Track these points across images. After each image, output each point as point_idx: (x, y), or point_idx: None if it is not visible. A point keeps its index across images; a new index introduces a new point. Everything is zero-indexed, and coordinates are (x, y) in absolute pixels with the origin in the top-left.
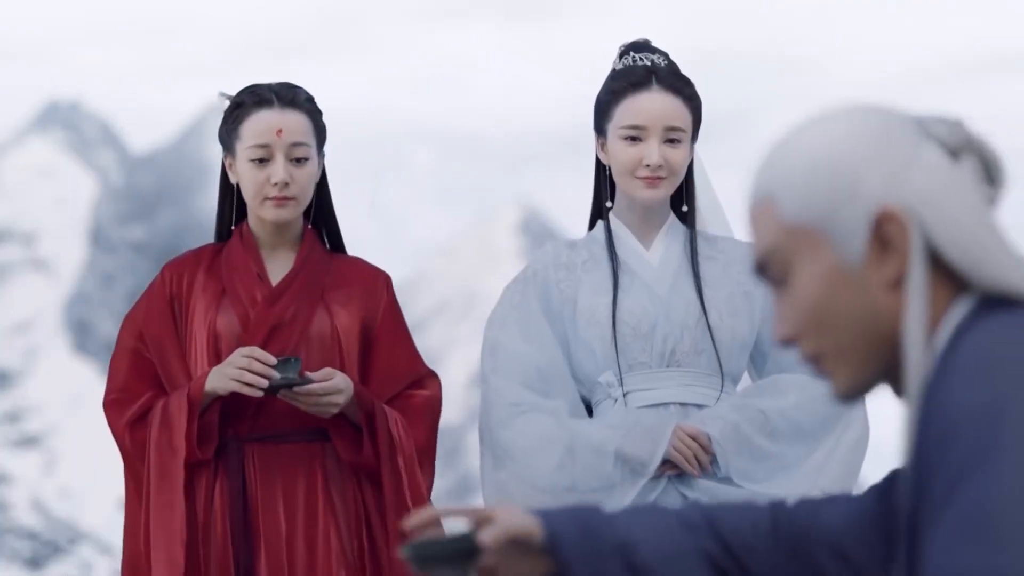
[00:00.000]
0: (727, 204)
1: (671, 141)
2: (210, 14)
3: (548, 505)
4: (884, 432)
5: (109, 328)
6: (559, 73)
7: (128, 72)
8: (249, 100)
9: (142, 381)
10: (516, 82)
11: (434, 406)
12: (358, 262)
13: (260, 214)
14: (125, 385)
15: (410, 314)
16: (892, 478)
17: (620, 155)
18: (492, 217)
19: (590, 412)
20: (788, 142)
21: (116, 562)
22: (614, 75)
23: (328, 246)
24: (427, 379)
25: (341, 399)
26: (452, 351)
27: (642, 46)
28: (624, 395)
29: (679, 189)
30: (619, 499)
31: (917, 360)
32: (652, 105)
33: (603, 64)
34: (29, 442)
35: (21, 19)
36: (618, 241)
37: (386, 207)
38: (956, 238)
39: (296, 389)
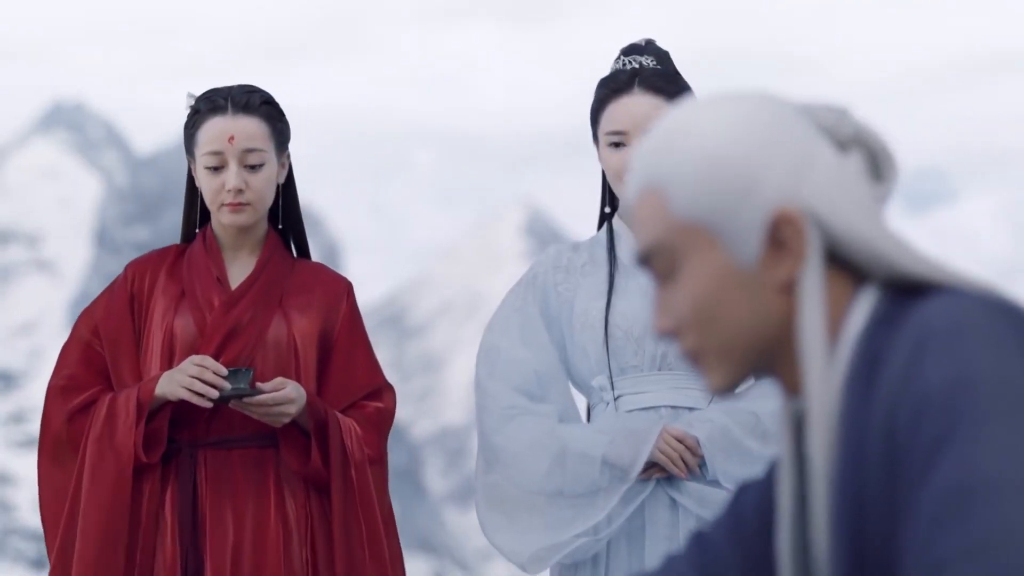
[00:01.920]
0: None
1: None
2: (212, 14)
3: (539, 509)
4: None
5: None
6: (561, 73)
7: (131, 73)
8: (204, 107)
9: (90, 373)
10: (518, 83)
11: (386, 418)
12: (320, 268)
13: (218, 219)
14: (74, 374)
15: (413, 316)
16: (739, 498)
17: (607, 161)
18: (495, 218)
19: (590, 415)
20: (679, 129)
21: None
22: (601, 82)
23: (294, 250)
24: (384, 391)
25: (293, 409)
26: (456, 352)
27: (633, 49)
28: (615, 399)
29: None
30: (603, 503)
31: (816, 363)
32: (632, 109)
33: (605, 64)
34: (34, 443)
35: (25, 20)
36: (620, 242)
37: (388, 208)
38: (855, 234)
39: (246, 400)
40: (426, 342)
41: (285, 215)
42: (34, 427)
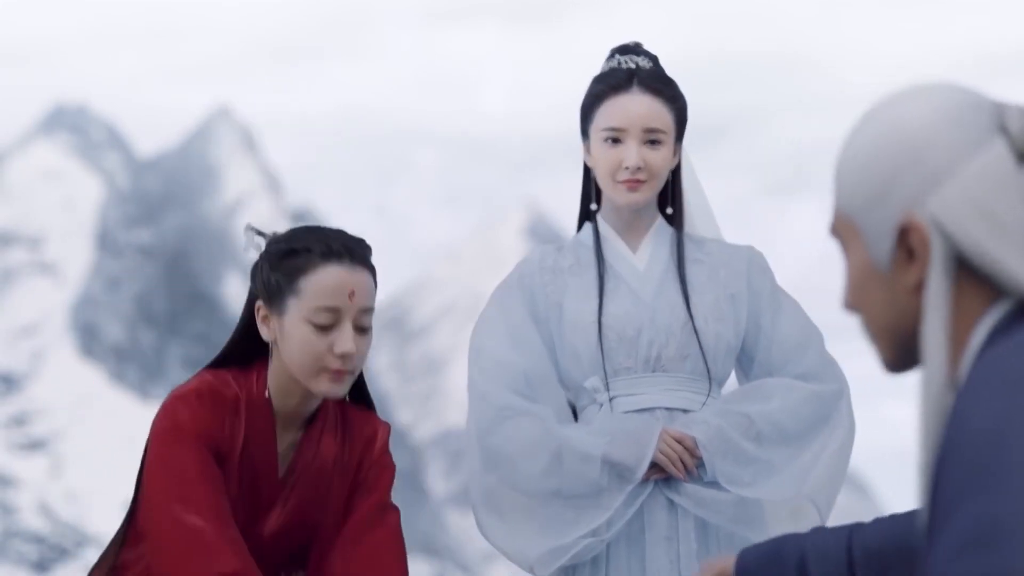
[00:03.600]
0: (735, 205)
1: (651, 143)
2: (216, 17)
3: (540, 511)
4: (885, 436)
5: (115, 331)
6: (564, 76)
7: (135, 75)
8: (316, 249)
9: (226, 511)
10: (521, 85)
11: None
12: (364, 422)
13: (312, 387)
14: (221, 515)
15: (416, 317)
16: None
17: (601, 157)
18: (498, 220)
19: (576, 416)
20: (856, 126)
21: None
22: (597, 78)
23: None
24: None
25: None
26: (458, 354)
27: (628, 49)
28: (610, 400)
29: (666, 191)
30: (606, 504)
31: (934, 372)
32: (631, 107)
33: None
34: (35, 445)
35: (29, 23)
36: (605, 244)
37: (391, 209)
38: (979, 249)
39: None
40: (428, 344)
41: (355, 387)
42: (36, 429)
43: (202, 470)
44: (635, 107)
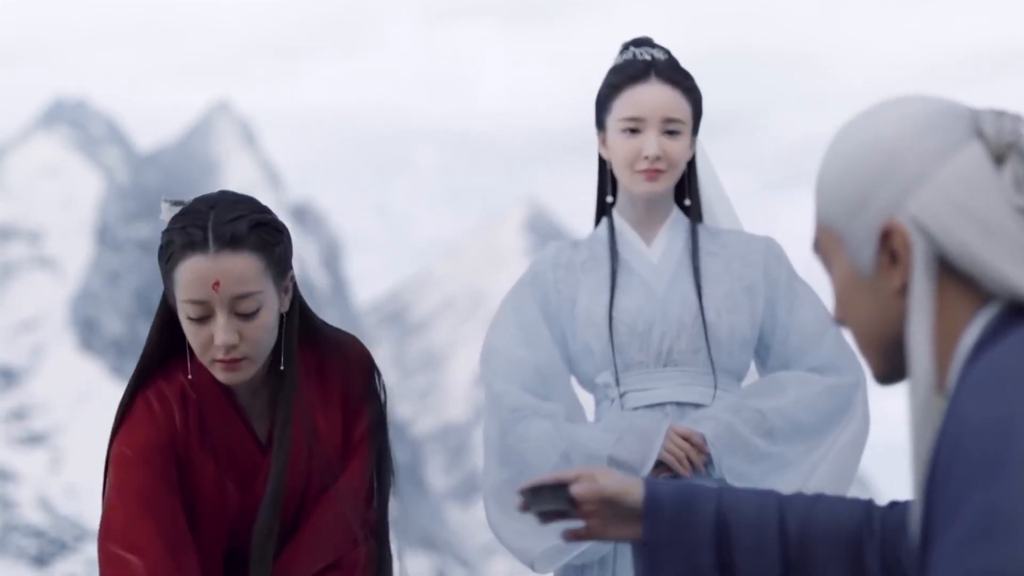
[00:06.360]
0: (736, 200)
1: (670, 133)
2: (216, 14)
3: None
4: (886, 431)
5: (115, 326)
6: (564, 73)
7: (135, 74)
8: (178, 240)
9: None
10: (521, 82)
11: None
12: (336, 351)
13: (213, 374)
14: (157, 549)
15: (416, 314)
16: None
17: (619, 147)
18: (498, 216)
19: (594, 413)
20: (837, 135)
21: None
22: (613, 69)
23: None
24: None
25: None
26: (458, 349)
27: (642, 42)
28: (621, 395)
29: (682, 183)
30: None
31: (920, 373)
32: (650, 97)
33: (608, 63)
34: (35, 440)
35: (30, 21)
36: (620, 238)
37: (391, 207)
38: (964, 250)
39: None
40: (428, 339)
41: (303, 335)
42: (35, 424)
43: (146, 496)
44: (654, 97)
